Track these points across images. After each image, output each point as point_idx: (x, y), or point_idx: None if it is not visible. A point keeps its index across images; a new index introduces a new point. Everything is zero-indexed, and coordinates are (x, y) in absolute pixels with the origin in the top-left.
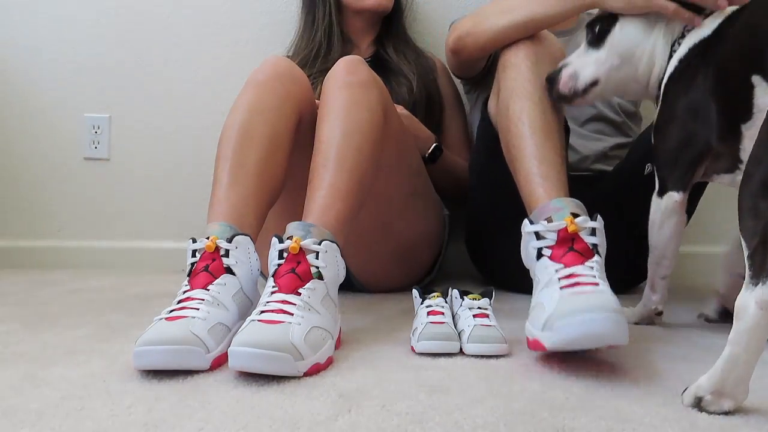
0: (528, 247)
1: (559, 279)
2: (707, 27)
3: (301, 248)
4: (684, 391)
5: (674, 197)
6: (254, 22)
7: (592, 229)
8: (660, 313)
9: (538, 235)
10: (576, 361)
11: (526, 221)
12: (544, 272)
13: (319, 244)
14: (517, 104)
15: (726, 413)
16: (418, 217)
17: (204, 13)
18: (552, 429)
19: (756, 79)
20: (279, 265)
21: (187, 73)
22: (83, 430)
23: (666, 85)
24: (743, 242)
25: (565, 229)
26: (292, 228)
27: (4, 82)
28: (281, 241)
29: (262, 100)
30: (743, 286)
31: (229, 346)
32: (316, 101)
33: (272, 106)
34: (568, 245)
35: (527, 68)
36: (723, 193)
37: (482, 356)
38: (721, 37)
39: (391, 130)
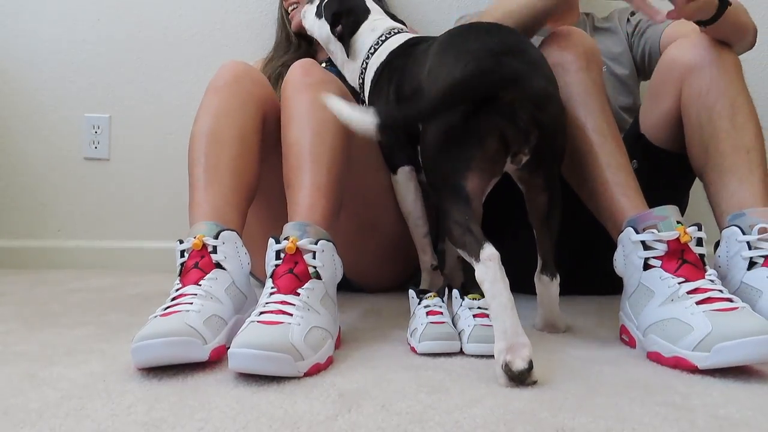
0: (632, 257)
1: (688, 293)
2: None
3: (297, 248)
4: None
5: (405, 169)
6: (254, 22)
7: (698, 239)
8: (437, 268)
9: (644, 245)
10: (576, 361)
11: (630, 230)
12: (660, 284)
13: (316, 243)
14: (581, 110)
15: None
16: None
17: (204, 13)
18: (552, 429)
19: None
20: (277, 265)
21: (186, 74)
22: (83, 430)
23: (376, 75)
24: (454, 240)
25: (677, 239)
26: (289, 228)
27: (4, 82)
28: (278, 241)
29: (225, 104)
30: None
31: (226, 338)
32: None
33: (236, 108)
34: (679, 256)
35: (580, 69)
36: None
37: (482, 356)
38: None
39: None
